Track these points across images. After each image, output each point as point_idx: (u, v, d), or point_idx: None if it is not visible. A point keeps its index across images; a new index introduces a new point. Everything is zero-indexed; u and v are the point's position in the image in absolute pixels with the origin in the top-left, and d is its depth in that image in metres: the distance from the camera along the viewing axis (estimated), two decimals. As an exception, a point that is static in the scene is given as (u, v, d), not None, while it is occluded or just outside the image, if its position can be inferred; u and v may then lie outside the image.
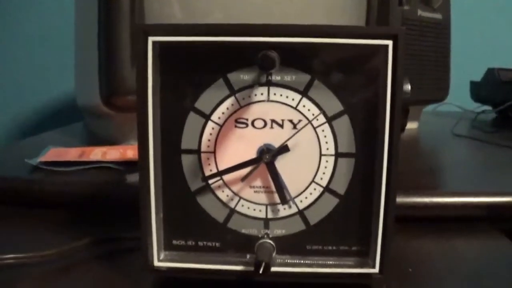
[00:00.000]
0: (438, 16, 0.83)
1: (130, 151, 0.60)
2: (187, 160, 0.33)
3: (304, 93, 0.32)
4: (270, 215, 0.33)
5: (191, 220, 0.34)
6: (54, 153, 0.60)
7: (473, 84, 1.10)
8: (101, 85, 0.63)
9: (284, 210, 0.33)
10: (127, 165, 0.55)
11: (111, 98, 0.63)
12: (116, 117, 0.66)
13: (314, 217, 0.33)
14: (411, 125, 0.90)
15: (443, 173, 0.63)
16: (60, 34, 1.20)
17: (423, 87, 0.81)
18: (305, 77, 0.32)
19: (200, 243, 0.34)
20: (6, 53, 1.30)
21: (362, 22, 0.67)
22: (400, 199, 0.45)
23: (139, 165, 0.32)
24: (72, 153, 0.59)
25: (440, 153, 0.77)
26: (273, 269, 0.32)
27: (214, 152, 0.33)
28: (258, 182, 0.33)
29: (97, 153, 0.59)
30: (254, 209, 0.33)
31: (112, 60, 0.62)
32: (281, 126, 0.32)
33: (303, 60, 0.31)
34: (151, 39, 0.31)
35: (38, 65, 1.29)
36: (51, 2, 1.26)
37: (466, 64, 1.15)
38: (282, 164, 0.32)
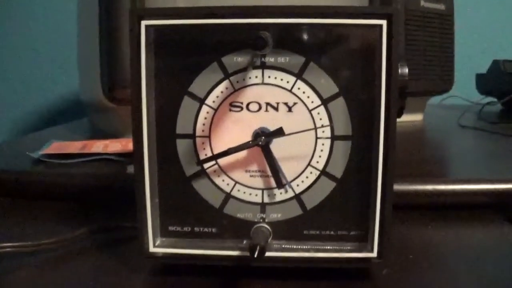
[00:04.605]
0: (441, 7, 0.82)
1: (131, 144, 0.59)
2: (182, 145, 0.33)
3: (299, 75, 0.31)
4: (266, 200, 0.33)
5: (187, 205, 0.33)
6: (56, 146, 0.60)
7: (479, 76, 1.10)
8: (102, 78, 0.63)
9: (280, 195, 0.33)
10: (128, 157, 0.55)
11: (112, 91, 0.63)
12: (118, 110, 0.66)
13: (311, 202, 0.33)
14: (416, 117, 0.90)
15: (448, 162, 0.62)
16: (64, 31, 1.21)
17: (427, 78, 0.80)
18: (300, 59, 0.31)
19: (196, 229, 0.33)
20: (11, 51, 1.31)
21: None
22: (404, 187, 0.45)
23: (134, 150, 0.32)
24: (74, 146, 0.59)
25: (445, 143, 0.76)
26: (270, 254, 0.32)
27: (209, 137, 0.33)
28: (254, 167, 0.33)
29: (98, 146, 0.59)
30: (250, 194, 0.33)
31: (113, 54, 0.62)
32: (276, 109, 0.32)
33: (297, 41, 0.31)
34: (144, 23, 0.31)
35: (43, 62, 1.30)
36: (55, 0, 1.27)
37: (472, 57, 1.15)
38: (277, 147, 0.32)
